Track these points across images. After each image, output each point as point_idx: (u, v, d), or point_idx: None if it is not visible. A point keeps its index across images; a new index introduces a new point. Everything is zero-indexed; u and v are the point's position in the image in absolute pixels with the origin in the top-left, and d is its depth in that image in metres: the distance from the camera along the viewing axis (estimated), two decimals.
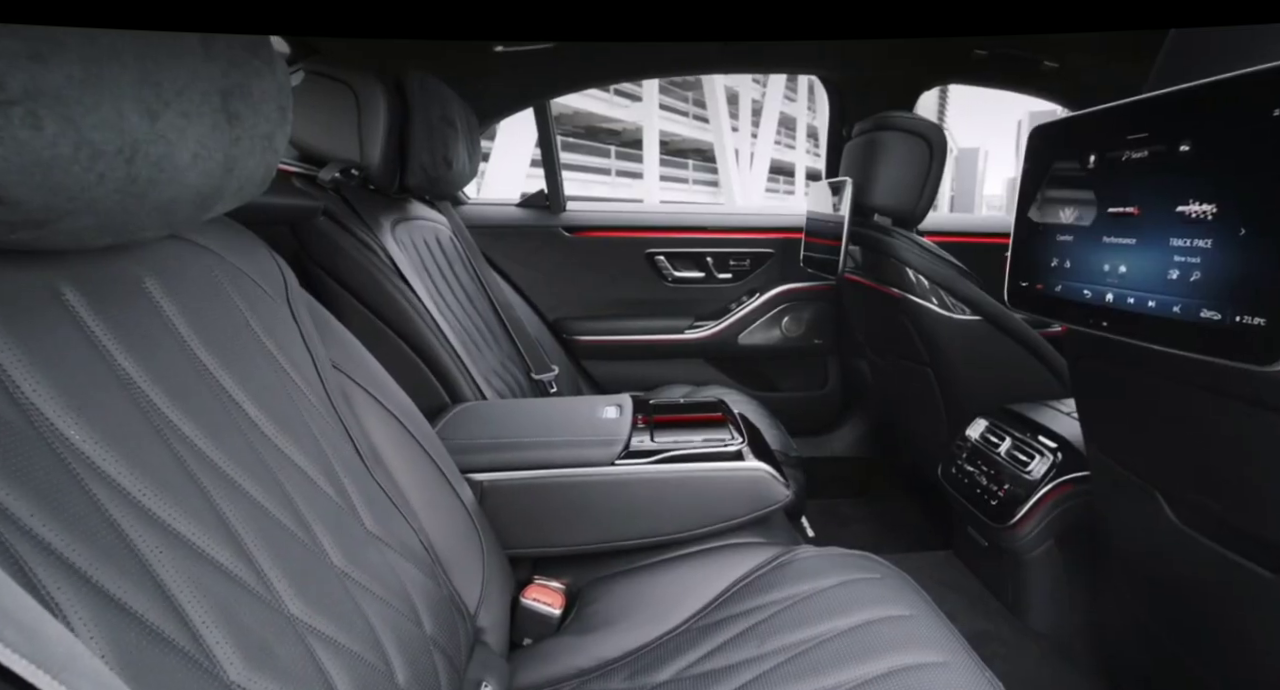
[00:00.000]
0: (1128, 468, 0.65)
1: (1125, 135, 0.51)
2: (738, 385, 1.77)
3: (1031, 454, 0.92)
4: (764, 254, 1.71)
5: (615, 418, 0.93)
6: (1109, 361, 0.64)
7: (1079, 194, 0.56)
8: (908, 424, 1.42)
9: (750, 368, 1.81)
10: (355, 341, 0.70)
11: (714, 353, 1.74)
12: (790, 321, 1.73)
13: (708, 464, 0.83)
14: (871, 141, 1.20)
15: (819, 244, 1.35)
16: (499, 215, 1.66)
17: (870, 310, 1.36)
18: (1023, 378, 1.10)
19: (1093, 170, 0.55)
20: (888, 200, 1.18)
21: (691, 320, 1.72)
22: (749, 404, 1.38)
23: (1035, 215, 0.63)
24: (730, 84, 14.68)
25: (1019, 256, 0.66)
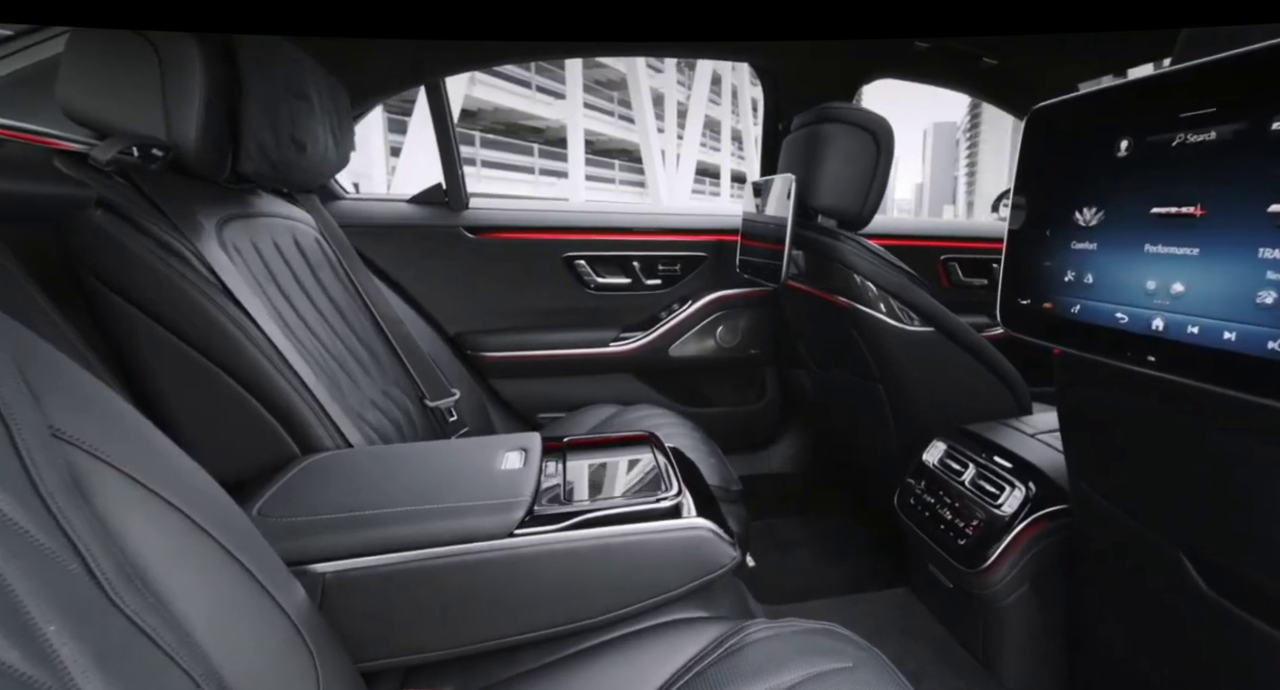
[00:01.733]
0: (1140, 520, 0.55)
1: (1180, 112, 0.39)
2: (669, 402, 1.62)
3: (1001, 485, 0.83)
4: (696, 258, 1.57)
5: (517, 469, 0.74)
6: (1116, 392, 0.54)
7: (1105, 190, 0.44)
8: (855, 443, 1.32)
9: (683, 382, 1.66)
10: (101, 389, 0.46)
11: (643, 367, 1.58)
12: (725, 331, 1.60)
13: (637, 526, 0.66)
14: (813, 135, 1.08)
15: (758, 247, 1.22)
16: (385, 213, 1.40)
17: (814, 320, 1.25)
18: (980, 395, 1.02)
19: (1128, 159, 0.43)
20: (832, 200, 1.07)
21: (617, 332, 1.55)
22: (681, 426, 1.23)
23: (1037, 217, 0.51)
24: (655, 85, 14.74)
25: (1015, 268, 0.54)
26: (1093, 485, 0.60)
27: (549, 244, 1.46)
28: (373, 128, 7.35)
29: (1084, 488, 0.62)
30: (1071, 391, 0.59)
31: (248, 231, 0.91)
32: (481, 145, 12.67)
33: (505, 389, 1.50)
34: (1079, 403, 0.59)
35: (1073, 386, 0.59)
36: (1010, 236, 0.54)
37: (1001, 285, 0.55)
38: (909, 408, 1.05)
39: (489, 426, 1.36)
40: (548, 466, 0.78)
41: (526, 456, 0.77)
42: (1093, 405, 0.58)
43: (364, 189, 1.64)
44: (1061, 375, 0.61)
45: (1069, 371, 0.59)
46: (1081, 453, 0.62)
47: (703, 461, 1.08)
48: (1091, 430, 0.59)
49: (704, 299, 1.55)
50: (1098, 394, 0.56)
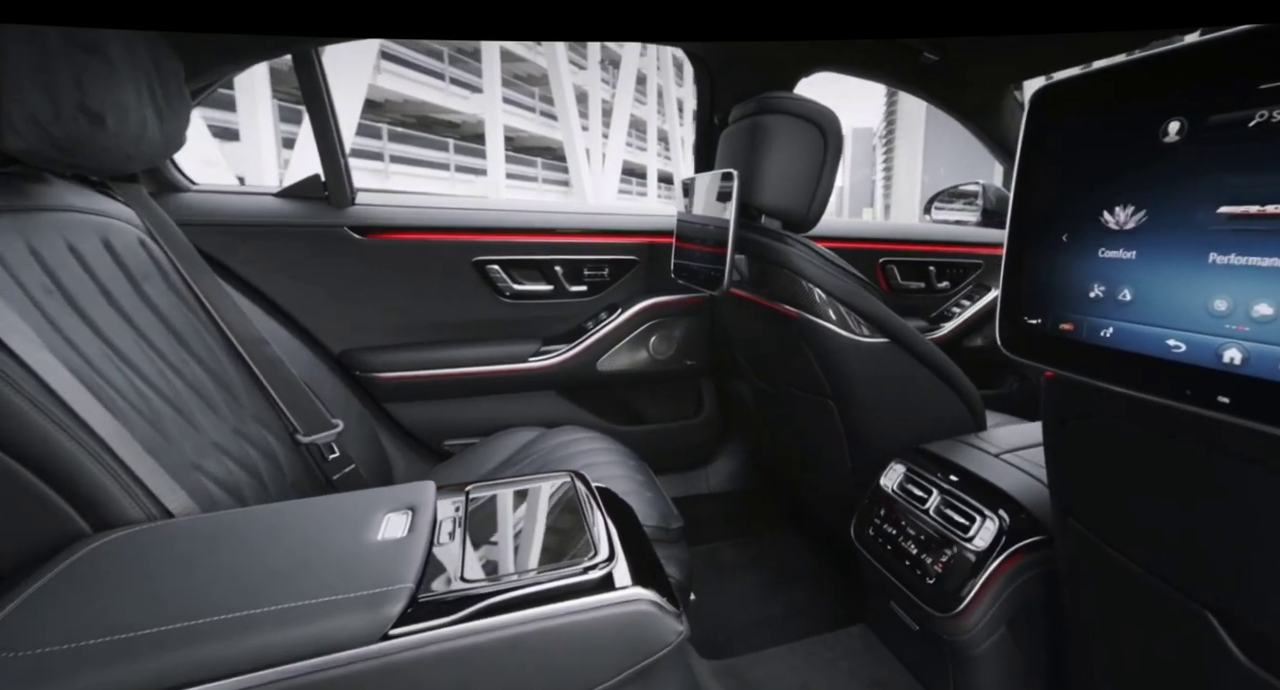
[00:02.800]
0: (1157, 573, 0.48)
1: (1260, 82, 0.31)
2: (598, 421, 1.48)
3: (970, 515, 0.76)
4: (627, 262, 1.44)
5: (400, 538, 0.57)
6: (1131, 426, 0.46)
7: (1147, 184, 0.36)
8: (803, 463, 1.24)
9: (613, 398, 1.53)
10: None
11: (568, 383, 1.43)
12: (659, 341, 1.49)
13: (558, 606, 0.52)
14: (755, 128, 0.98)
15: (695, 251, 1.11)
16: (246, 209, 1.15)
17: (758, 330, 1.16)
18: (937, 410, 0.96)
19: (1180, 145, 0.34)
20: (776, 199, 0.98)
21: (537, 345, 1.39)
22: (612, 451, 1.10)
23: (1048, 219, 0.42)
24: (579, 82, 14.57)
25: (1018, 280, 0.45)
26: (1093, 529, 0.53)
27: (456, 247, 1.27)
28: (260, 114, 6.65)
29: (1080, 531, 0.56)
30: (1071, 424, 0.52)
31: (19, 231, 0.68)
32: (390, 139, 11.89)
33: (405, 415, 1.29)
34: (1079, 436, 0.52)
35: (1073, 418, 0.51)
36: (1012, 242, 0.45)
37: (1001, 301, 0.46)
38: (864, 426, 0.98)
39: (383, 461, 1.16)
40: (443, 526, 0.62)
41: (414, 517, 0.61)
42: (1098, 440, 0.50)
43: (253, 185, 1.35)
44: (1056, 403, 0.54)
45: (1069, 400, 0.51)
46: (1078, 493, 0.55)
47: (638, 496, 0.95)
48: (1094, 468, 0.52)
49: (635, 307, 1.43)
50: (1107, 428, 0.49)
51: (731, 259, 0.95)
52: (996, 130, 1.35)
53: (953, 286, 1.53)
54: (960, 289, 1.53)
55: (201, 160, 5.30)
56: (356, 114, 6.84)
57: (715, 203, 1.04)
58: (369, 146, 11.28)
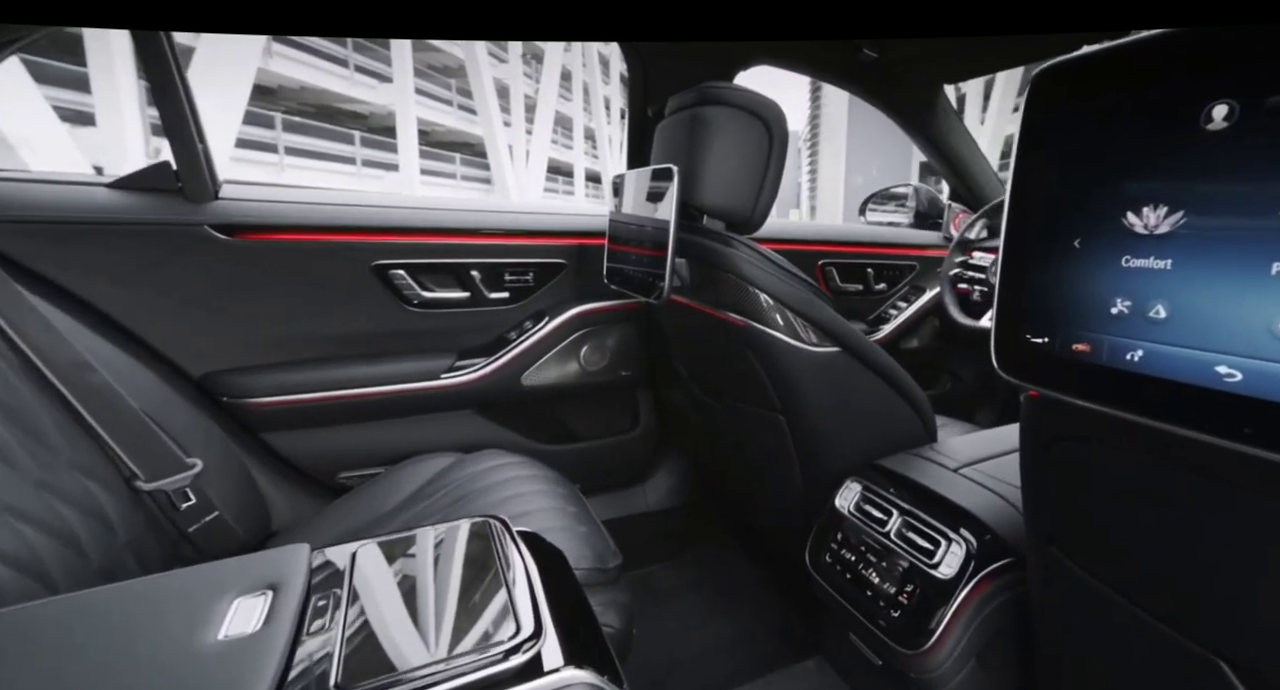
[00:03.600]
0: (1160, 616, 0.44)
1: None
2: (523, 441, 1.36)
3: (934, 539, 0.72)
4: (554, 266, 1.33)
5: (251, 633, 0.44)
6: (1135, 455, 0.42)
7: (1185, 180, 0.31)
8: (750, 481, 1.18)
9: (540, 415, 1.41)
10: None
11: (488, 401, 1.29)
12: (591, 351, 1.39)
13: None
14: (694, 121, 0.91)
15: (630, 254, 1.02)
16: (64, 203, 0.92)
17: (699, 340, 1.08)
18: (890, 422, 0.92)
19: (1230, 133, 0.29)
20: (718, 198, 0.90)
21: (452, 359, 1.24)
22: (539, 478, 0.99)
23: (1055, 222, 0.37)
24: (499, 75, 14.15)
25: (1017, 293, 0.39)
26: (1081, 562, 0.49)
27: (351, 249, 1.11)
28: (123, 98, 5.85)
29: (1063, 562, 0.51)
30: (1056, 447, 0.47)
31: None
32: (286, 129, 10.93)
33: (288, 445, 1.11)
34: (1065, 460, 0.47)
35: (1058, 441, 0.47)
36: (1010, 250, 0.39)
37: (997, 317, 0.40)
38: (816, 441, 0.93)
39: (257, 503, 0.98)
40: (315, 607, 0.49)
41: (274, 601, 0.48)
42: (1088, 464, 0.46)
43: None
44: (1039, 424, 0.49)
45: (1054, 421, 0.47)
46: (1064, 521, 0.51)
47: (570, 533, 0.85)
48: (1083, 495, 0.47)
49: (564, 315, 1.31)
50: (1098, 451, 0.44)
51: (672, 263, 0.87)
52: (931, 131, 1.36)
53: (889, 288, 1.54)
54: (897, 291, 1.54)
55: (46, 148, 4.61)
56: (243, 99, 6.18)
57: (652, 202, 0.95)
58: (260, 137, 10.33)
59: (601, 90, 16.75)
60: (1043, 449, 0.49)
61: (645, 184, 0.98)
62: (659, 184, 0.92)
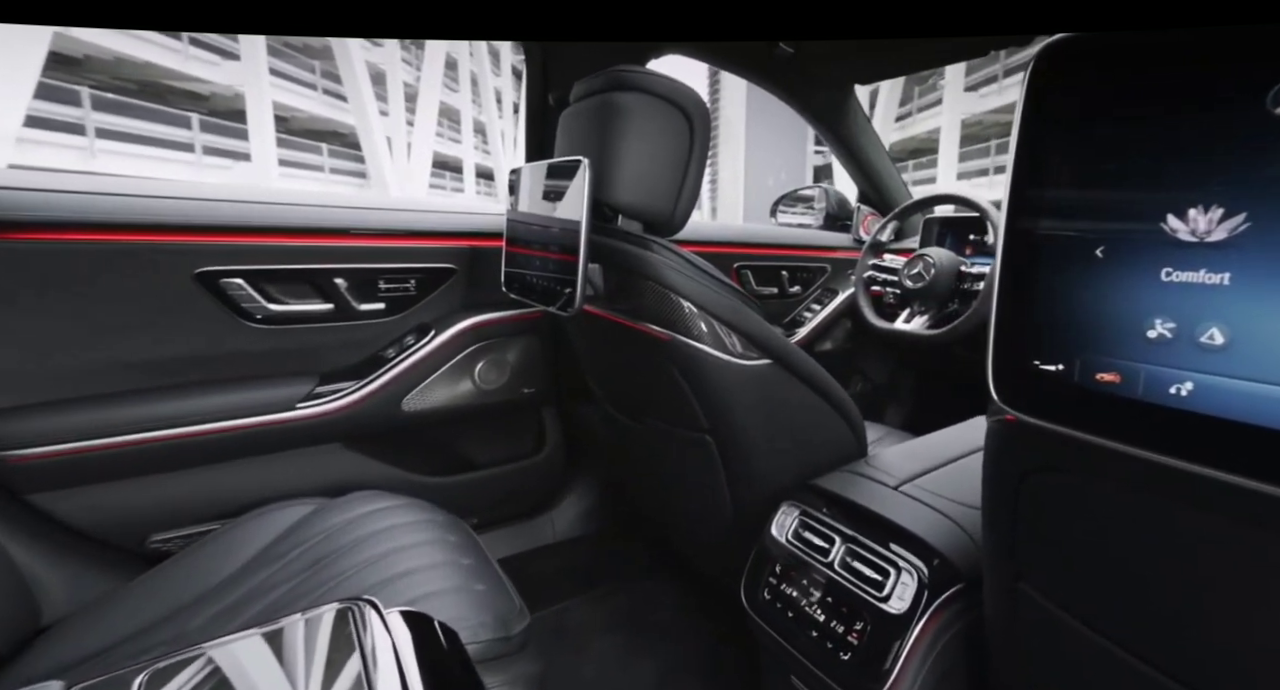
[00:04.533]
0: (1148, 660, 0.40)
1: None
2: (406, 476, 1.19)
3: (883, 568, 0.68)
4: (441, 271, 1.17)
5: None
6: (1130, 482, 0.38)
7: (1246, 174, 0.26)
8: (672, 507, 1.10)
9: (426, 444, 1.24)
10: None
11: (361, 432, 1.11)
12: (487, 368, 1.24)
13: None
14: (606, 108, 0.81)
15: (533, 258, 0.90)
16: None
17: (615, 355, 0.98)
18: (823, 437, 0.88)
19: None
20: (636, 195, 0.81)
21: (312, 384, 1.04)
22: (427, 526, 0.85)
23: (1070, 227, 0.31)
24: (374, 60, 13.15)
25: (1021, 312, 0.33)
26: (1059, 602, 0.46)
27: (164, 252, 0.88)
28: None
29: (1036, 601, 0.48)
30: (1036, 478, 0.43)
31: None
32: (97, 108, 9.26)
33: (73, 508, 0.85)
34: (1046, 493, 0.43)
35: (1042, 473, 0.42)
36: (1008, 258, 0.33)
37: (995, 338, 0.34)
38: (747, 463, 0.86)
39: (18, 590, 0.74)
40: None
41: None
42: (1073, 498, 0.41)
43: None
44: (1014, 452, 0.44)
45: (1035, 451, 0.42)
46: (1039, 558, 0.47)
47: (465, 594, 0.73)
48: (1066, 531, 0.43)
49: (454, 328, 1.16)
50: (1086, 485, 0.40)
51: (584, 270, 0.76)
52: (842, 131, 1.37)
53: (804, 291, 1.54)
54: (810, 293, 1.55)
55: None
56: (33, 67, 5.13)
57: (557, 199, 0.84)
58: (65, 115, 8.72)
59: (492, 82, 16.12)
60: (1017, 480, 0.45)
61: (549, 179, 0.86)
62: (565, 180, 0.81)
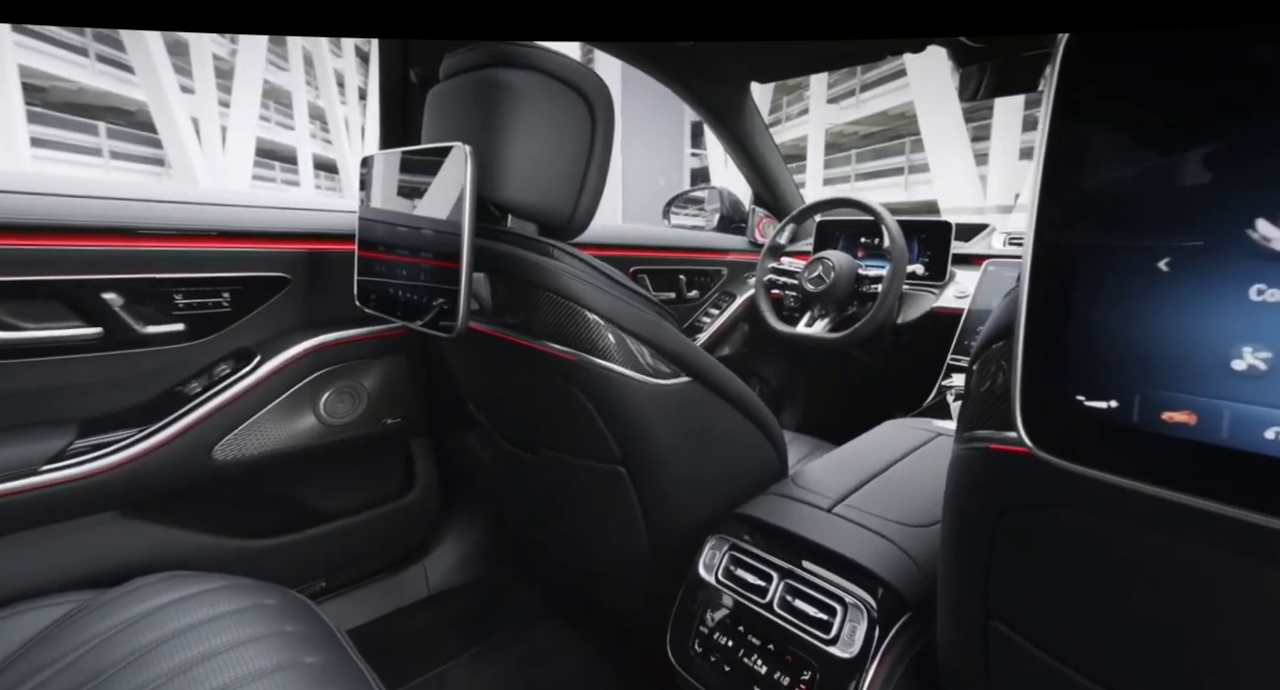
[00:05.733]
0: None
1: None
2: (224, 543, 0.96)
3: (828, 604, 0.63)
4: (269, 281, 0.94)
5: None
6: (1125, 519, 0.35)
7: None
8: (577, 547, 0.99)
9: (252, 499, 1.01)
10: None
11: (148, 495, 0.86)
12: (336, 398, 1.03)
13: None
14: (489, 87, 0.67)
15: (398, 264, 0.73)
16: None
17: (505, 379, 0.85)
18: (747, 458, 0.82)
19: None
20: (529, 193, 0.69)
21: (69, 438, 0.78)
22: (250, 620, 0.66)
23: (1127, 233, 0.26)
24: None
25: (1056, 336, 0.28)
26: (1041, 644, 0.42)
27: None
28: None
29: (1009, 638, 0.44)
30: (1022, 513, 0.39)
31: None
32: None
33: None
34: (1030, 528, 0.40)
35: (1032, 508, 0.39)
36: (1038, 270, 0.28)
37: (1023, 367, 0.28)
38: (667, 494, 0.78)
39: None
40: None
41: None
42: (1060, 534, 0.38)
43: None
44: (996, 485, 0.40)
45: (1023, 484, 0.38)
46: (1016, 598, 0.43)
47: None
48: (1049, 569, 0.40)
49: (289, 351, 0.94)
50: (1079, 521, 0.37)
51: (469, 280, 0.62)
52: (739, 131, 1.36)
53: (701, 295, 1.51)
54: (708, 297, 1.52)
55: None
56: None
57: (425, 195, 0.69)
58: None
59: (330, 62, 14.54)
60: (996, 514, 0.41)
61: (414, 170, 0.71)
62: (435, 171, 0.67)
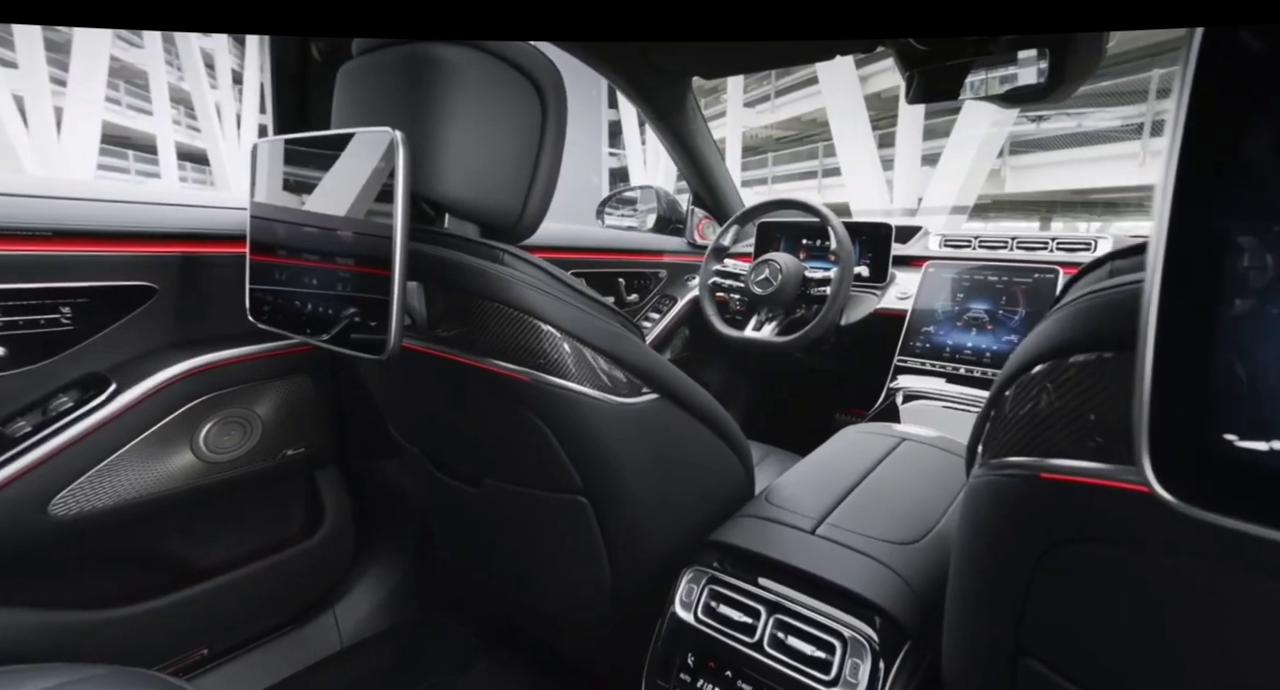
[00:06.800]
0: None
1: None
2: (59, 618, 0.79)
3: (825, 641, 0.58)
4: (127, 292, 0.77)
5: None
6: (1194, 557, 0.32)
7: None
8: (527, 586, 0.89)
9: (106, 559, 0.85)
10: None
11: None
12: (220, 430, 0.88)
13: None
14: (419, 63, 0.56)
15: (304, 271, 0.61)
16: None
17: (440, 402, 0.74)
18: (717, 478, 0.75)
19: None
20: (469, 188, 0.59)
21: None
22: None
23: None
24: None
25: (1194, 360, 0.24)
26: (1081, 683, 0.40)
27: None
28: None
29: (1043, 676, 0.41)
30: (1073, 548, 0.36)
31: None
32: None
33: None
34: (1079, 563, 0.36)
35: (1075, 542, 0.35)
36: (1169, 282, 0.23)
37: (1150, 398, 0.24)
38: (635, 525, 0.70)
39: None
40: None
41: None
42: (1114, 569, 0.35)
43: None
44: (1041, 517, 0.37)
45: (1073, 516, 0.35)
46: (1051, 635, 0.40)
47: None
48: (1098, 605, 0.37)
49: (157, 376, 0.78)
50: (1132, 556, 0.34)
51: (402, 290, 0.52)
52: (681, 128, 1.31)
53: (641, 299, 1.44)
54: (648, 301, 1.46)
55: None
56: None
57: (338, 189, 0.57)
58: None
59: (196, 41, 13.00)
60: (1042, 549, 0.38)
61: (326, 160, 0.59)
62: (355, 161, 0.55)
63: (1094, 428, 0.34)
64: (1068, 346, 0.34)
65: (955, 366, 1.13)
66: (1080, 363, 0.34)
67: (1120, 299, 0.30)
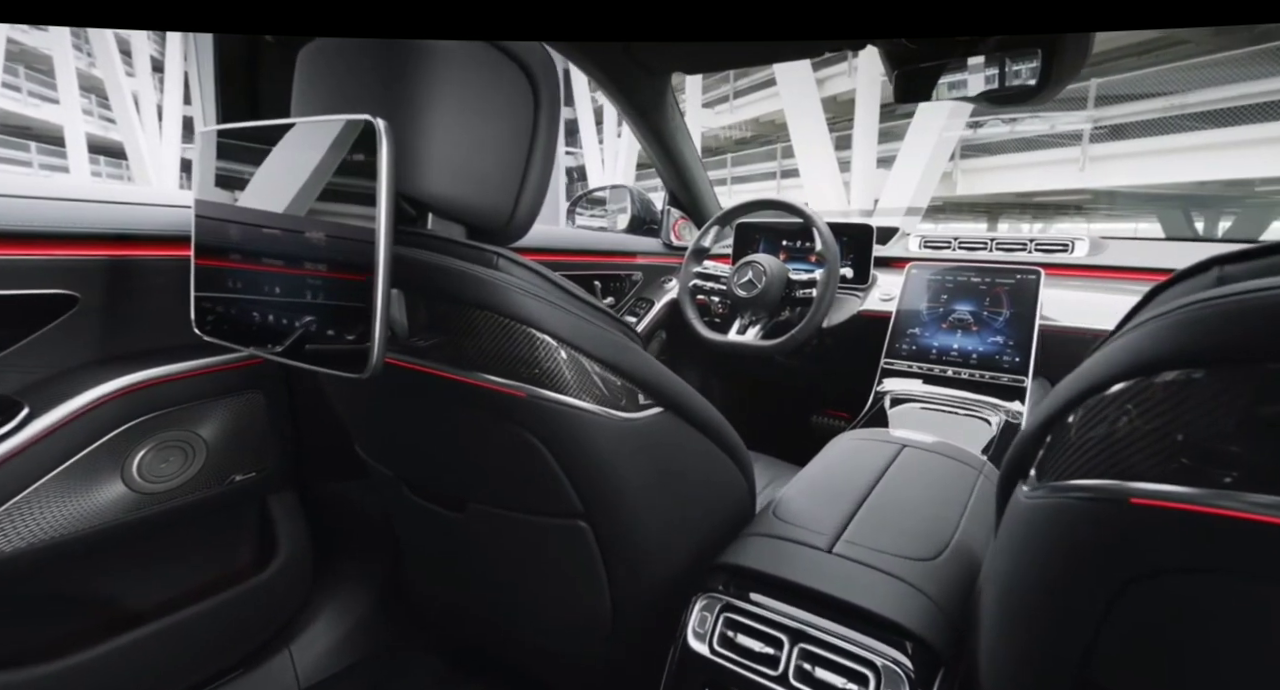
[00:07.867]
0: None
1: None
2: None
3: (857, 671, 0.54)
4: (45, 302, 0.68)
5: None
6: None
7: None
8: (516, 617, 0.83)
9: (11, 612, 0.74)
10: None
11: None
12: (158, 455, 0.79)
13: None
14: (398, 47, 0.51)
15: (262, 276, 0.54)
16: None
17: (424, 421, 0.68)
18: (720, 494, 0.72)
19: None
20: (455, 186, 0.53)
21: None
22: None
23: None
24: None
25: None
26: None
27: None
28: None
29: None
30: (1162, 580, 0.34)
31: None
32: None
33: None
34: (1158, 596, 0.34)
35: (1153, 576, 0.33)
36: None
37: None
38: (638, 548, 0.66)
39: None
40: None
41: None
42: (1195, 600, 0.33)
43: None
44: (1120, 551, 0.35)
45: (1155, 549, 0.33)
46: (1127, 665, 0.38)
47: None
48: (1174, 637, 0.35)
49: (84, 397, 0.69)
50: (1217, 585, 0.32)
51: (386, 299, 0.46)
52: (660, 126, 1.28)
53: (617, 302, 1.40)
54: (624, 304, 1.41)
55: None
56: None
57: (303, 185, 0.51)
58: None
59: (111, 36, 12.15)
60: (1127, 577, 0.35)
61: (290, 153, 0.52)
62: (325, 154, 0.49)
63: (1182, 449, 0.31)
64: (1158, 362, 0.31)
65: (942, 368, 1.13)
66: (1168, 381, 0.31)
67: (1241, 309, 0.28)
